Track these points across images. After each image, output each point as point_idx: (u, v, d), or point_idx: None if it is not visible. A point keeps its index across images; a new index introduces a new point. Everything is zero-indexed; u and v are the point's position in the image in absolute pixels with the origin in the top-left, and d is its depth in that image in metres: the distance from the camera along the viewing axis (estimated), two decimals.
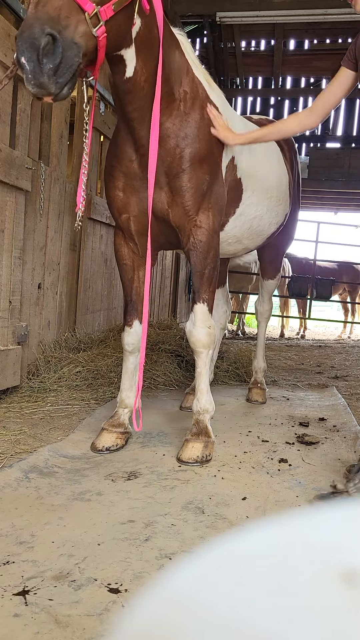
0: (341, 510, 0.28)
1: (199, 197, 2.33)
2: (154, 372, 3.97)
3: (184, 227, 2.37)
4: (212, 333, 2.45)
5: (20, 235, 3.12)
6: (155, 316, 6.90)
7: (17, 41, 1.65)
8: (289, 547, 0.26)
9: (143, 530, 1.65)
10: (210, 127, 2.38)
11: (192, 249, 2.38)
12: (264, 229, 3.16)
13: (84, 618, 1.21)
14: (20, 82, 3.07)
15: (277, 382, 4.33)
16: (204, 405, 2.47)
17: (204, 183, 2.34)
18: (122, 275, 2.60)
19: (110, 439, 2.42)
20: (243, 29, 8.08)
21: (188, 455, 2.29)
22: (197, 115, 2.33)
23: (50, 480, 2.01)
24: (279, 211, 3.25)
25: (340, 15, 5.96)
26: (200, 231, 2.36)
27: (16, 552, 1.48)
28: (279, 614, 0.22)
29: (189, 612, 0.23)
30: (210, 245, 2.40)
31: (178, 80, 2.28)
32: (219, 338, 3.67)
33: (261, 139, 2.59)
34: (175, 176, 2.29)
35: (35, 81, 1.65)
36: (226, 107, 2.65)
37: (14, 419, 2.74)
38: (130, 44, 2.00)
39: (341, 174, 8.53)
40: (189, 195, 2.30)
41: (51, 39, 1.63)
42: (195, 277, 2.44)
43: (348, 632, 0.21)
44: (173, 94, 2.26)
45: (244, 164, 2.75)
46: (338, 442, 2.71)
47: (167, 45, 2.17)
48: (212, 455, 2.35)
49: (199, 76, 2.44)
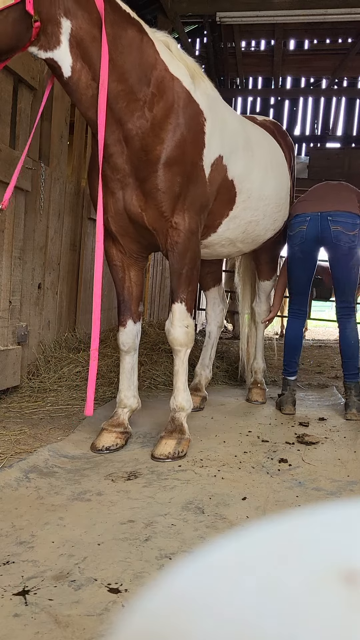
0: (341, 510, 0.28)
1: (172, 198, 2.30)
2: (154, 372, 3.97)
3: (160, 229, 2.36)
4: (190, 332, 2.47)
5: (20, 235, 3.12)
6: (155, 316, 6.90)
7: None
8: (289, 547, 0.26)
9: (143, 530, 1.65)
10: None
11: (170, 250, 2.38)
12: (260, 234, 3.13)
13: (84, 618, 1.21)
14: (22, 83, 3.08)
15: (277, 382, 4.33)
16: (181, 403, 2.48)
17: (176, 185, 2.30)
18: (113, 275, 2.62)
19: (110, 439, 2.43)
20: (243, 29, 8.08)
21: (160, 451, 2.33)
22: (166, 117, 2.26)
23: (50, 480, 2.01)
24: (277, 217, 3.22)
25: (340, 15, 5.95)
26: (176, 232, 2.35)
27: (16, 552, 1.48)
28: (279, 614, 0.22)
29: (189, 612, 0.23)
30: (187, 246, 2.38)
31: (141, 80, 2.20)
32: (217, 336, 3.67)
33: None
34: (144, 179, 2.27)
35: None
36: (215, 105, 2.57)
37: (14, 419, 2.74)
38: (57, 44, 1.97)
39: (341, 174, 8.52)
40: (160, 197, 2.28)
41: None
42: (174, 277, 2.43)
43: (348, 632, 0.21)
44: (134, 94, 2.18)
45: (238, 166, 2.71)
46: (338, 442, 2.71)
47: (126, 44, 2.12)
48: (185, 451, 2.37)
49: (178, 74, 2.34)
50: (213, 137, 2.49)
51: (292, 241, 3.27)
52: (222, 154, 2.58)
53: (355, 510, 0.28)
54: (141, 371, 3.96)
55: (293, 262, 3.33)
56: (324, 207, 3.18)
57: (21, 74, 2.98)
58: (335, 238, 3.16)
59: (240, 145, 2.76)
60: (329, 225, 3.14)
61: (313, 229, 3.17)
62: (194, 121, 2.38)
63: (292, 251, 3.29)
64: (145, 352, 4.39)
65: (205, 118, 2.44)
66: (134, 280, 2.61)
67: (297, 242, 3.23)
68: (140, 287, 2.66)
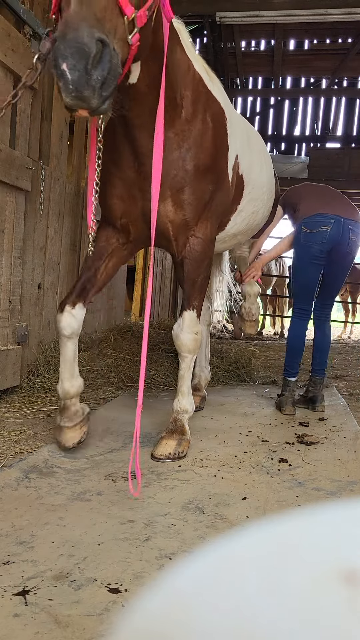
0: (341, 510, 0.28)
1: (201, 208, 2.25)
2: (154, 372, 3.97)
3: (179, 236, 2.29)
4: (199, 339, 2.41)
5: (20, 235, 3.12)
6: (155, 316, 6.90)
7: (59, 43, 1.39)
8: (289, 547, 0.26)
9: (143, 530, 1.65)
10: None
11: (187, 258, 2.31)
12: (259, 224, 3.11)
13: (84, 618, 1.21)
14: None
15: (277, 382, 4.33)
16: (184, 406, 2.47)
17: (207, 194, 2.24)
18: (95, 250, 2.28)
19: (76, 432, 2.26)
20: (243, 29, 8.08)
21: (160, 451, 2.32)
22: (200, 121, 2.18)
23: (50, 480, 2.01)
24: (270, 205, 3.21)
25: (340, 15, 5.95)
26: (197, 241, 2.29)
27: (16, 552, 1.48)
28: (279, 614, 0.22)
29: (189, 612, 0.23)
30: (206, 254, 2.33)
31: (179, 82, 2.09)
32: (207, 335, 3.66)
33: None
34: (179, 190, 2.17)
35: (77, 93, 1.41)
36: (227, 102, 2.49)
37: (14, 419, 2.74)
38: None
39: (341, 174, 8.52)
40: (191, 208, 2.21)
41: (101, 47, 1.41)
42: (187, 285, 2.37)
43: (348, 632, 0.21)
44: (175, 99, 2.07)
45: (245, 159, 2.65)
46: (338, 442, 2.71)
47: (170, 44, 1.98)
48: (185, 452, 2.36)
49: (199, 70, 2.24)
50: (232, 137, 2.42)
51: (311, 239, 3.20)
52: (237, 153, 2.53)
53: (355, 510, 0.28)
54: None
55: (307, 261, 3.26)
56: (343, 212, 3.21)
57: (21, 74, 2.98)
58: (349, 247, 3.24)
59: (244, 136, 2.71)
60: (349, 234, 3.20)
61: (335, 232, 3.17)
62: (219, 123, 2.29)
63: (309, 249, 3.22)
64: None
65: (226, 117, 2.36)
66: (109, 267, 2.39)
67: (318, 241, 3.19)
68: (109, 277, 2.43)
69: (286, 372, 3.44)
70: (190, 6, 5.92)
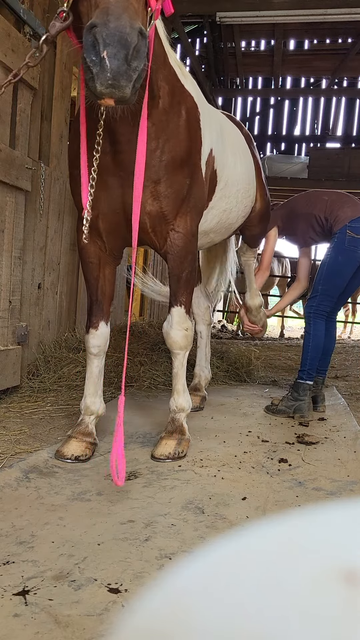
0: (341, 510, 0.28)
1: (179, 201, 2.22)
2: (154, 372, 3.97)
3: (160, 231, 2.26)
4: (189, 335, 2.40)
5: (20, 235, 3.12)
6: (155, 316, 6.90)
7: (100, 30, 1.39)
8: (289, 547, 0.26)
9: (143, 530, 1.65)
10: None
11: (169, 253, 2.29)
12: (232, 223, 3.02)
13: (84, 618, 1.21)
14: (22, 83, 3.07)
15: (277, 382, 4.33)
16: (181, 404, 2.46)
17: (184, 187, 2.22)
18: (87, 274, 2.40)
19: (80, 448, 2.27)
20: (243, 29, 8.08)
21: (160, 452, 2.32)
22: (176, 113, 2.16)
23: (50, 480, 2.01)
24: (247, 204, 3.14)
25: (340, 15, 5.96)
26: (178, 235, 2.27)
27: (16, 552, 1.48)
28: (279, 614, 0.22)
29: (189, 612, 0.23)
30: (188, 249, 2.31)
31: (158, 73, 2.03)
32: (208, 334, 3.65)
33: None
34: (156, 182, 2.15)
35: (114, 82, 1.42)
36: (200, 97, 2.46)
37: (14, 419, 2.74)
38: None
39: (341, 174, 8.53)
40: (169, 201, 2.18)
41: (141, 38, 1.43)
42: (172, 281, 2.35)
43: (348, 632, 0.21)
44: (153, 90, 2.00)
45: (218, 153, 2.61)
46: (338, 442, 2.71)
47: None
48: (185, 452, 2.36)
49: (173, 64, 2.19)
50: (205, 131, 2.40)
51: (357, 244, 3.19)
52: (212, 147, 2.50)
53: (355, 510, 0.28)
54: (141, 371, 3.97)
55: (349, 265, 3.24)
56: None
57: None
58: None
59: (219, 131, 2.66)
60: None
61: None
62: (193, 117, 2.27)
63: (353, 254, 3.21)
64: (145, 352, 4.39)
65: (200, 112, 2.34)
66: (107, 278, 2.43)
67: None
68: (113, 285, 2.49)
69: (307, 375, 3.27)
70: (190, 6, 5.92)
